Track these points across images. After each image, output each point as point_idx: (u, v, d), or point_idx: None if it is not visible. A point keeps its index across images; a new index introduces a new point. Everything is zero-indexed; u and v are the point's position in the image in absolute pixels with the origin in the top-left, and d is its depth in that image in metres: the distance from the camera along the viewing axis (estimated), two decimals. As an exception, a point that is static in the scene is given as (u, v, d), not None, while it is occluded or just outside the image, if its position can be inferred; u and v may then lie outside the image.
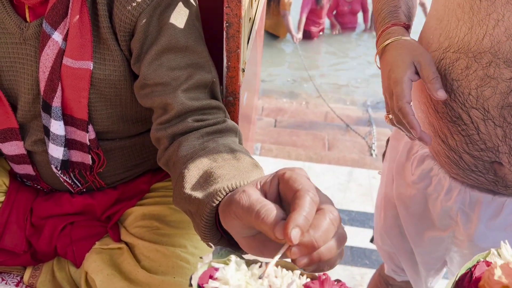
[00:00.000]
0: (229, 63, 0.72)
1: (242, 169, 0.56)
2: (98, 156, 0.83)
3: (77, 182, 0.86)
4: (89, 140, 0.79)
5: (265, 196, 0.43)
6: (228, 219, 0.45)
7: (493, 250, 0.40)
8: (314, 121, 3.08)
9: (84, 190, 0.89)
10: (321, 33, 5.17)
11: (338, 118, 3.08)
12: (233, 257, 0.40)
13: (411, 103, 0.69)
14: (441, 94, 0.67)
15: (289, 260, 0.40)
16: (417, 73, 0.70)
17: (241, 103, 0.79)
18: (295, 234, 0.37)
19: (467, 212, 0.82)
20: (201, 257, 0.40)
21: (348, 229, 1.82)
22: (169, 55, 0.71)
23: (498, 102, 0.65)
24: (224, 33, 0.71)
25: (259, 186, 0.44)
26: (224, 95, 0.76)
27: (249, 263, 0.40)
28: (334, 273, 1.65)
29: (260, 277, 0.38)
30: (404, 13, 0.79)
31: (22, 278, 0.86)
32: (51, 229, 0.86)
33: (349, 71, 4.29)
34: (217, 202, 0.51)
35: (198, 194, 0.54)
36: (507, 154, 0.69)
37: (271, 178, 0.44)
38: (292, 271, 0.39)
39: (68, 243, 0.86)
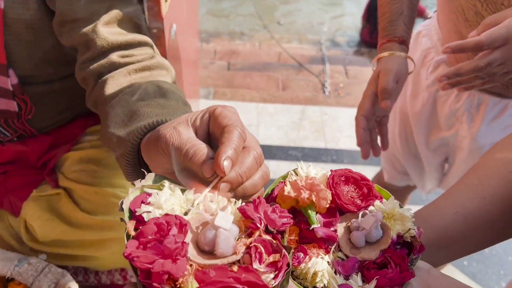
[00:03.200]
0: (149, -8, 0.69)
1: (168, 106, 0.55)
2: (24, 103, 0.79)
3: (5, 132, 0.82)
4: (12, 85, 0.75)
5: (196, 133, 0.43)
6: (154, 155, 0.45)
7: (291, 171, 0.44)
8: (268, 62, 3.05)
9: (15, 139, 0.85)
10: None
11: (291, 58, 3.06)
12: (166, 182, 0.39)
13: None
14: (384, 105, 0.80)
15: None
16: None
17: (167, 36, 0.75)
18: (226, 165, 0.38)
19: (472, 113, 0.92)
20: (132, 183, 0.39)
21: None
22: None
23: None
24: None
25: (190, 123, 0.44)
26: (147, 28, 0.73)
27: (183, 188, 0.39)
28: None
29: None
30: (404, 21, 0.86)
31: (-42, 231, 0.84)
32: (-17, 180, 0.83)
33: (303, 11, 4.22)
34: (138, 140, 0.50)
35: (121, 132, 0.53)
36: None
37: (202, 114, 0.44)
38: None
39: (3, 193, 0.84)
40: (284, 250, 0.35)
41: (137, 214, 0.36)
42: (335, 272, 0.40)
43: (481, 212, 0.48)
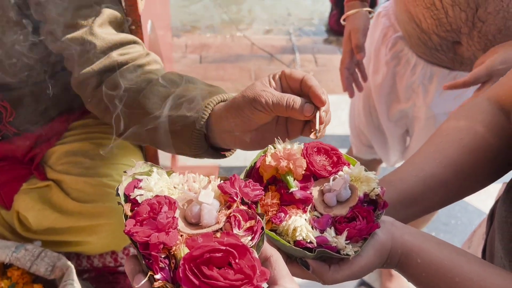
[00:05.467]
0: (125, -9, 0.73)
1: (205, 89, 0.63)
2: (4, 108, 0.82)
3: None
4: None
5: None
6: (238, 119, 0.56)
7: (270, 146, 0.51)
8: (239, 54, 3.10)
9: (0, 138, 0.88)
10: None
11: (263, 49, 3.13)
12: (154, 169, 0.45)
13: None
14: (359, 57, 1.02)
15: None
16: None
17: (144, 32, 0.81)
18: (325, 96, 0.53)
19: (426, 84, 1.04)
20: (124, 171, 0.45)
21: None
22: None
23: None
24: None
25: (271, 85, 0.55)
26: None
27: (169, 173, 0.46)
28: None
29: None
30: None
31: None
32: (-27, 177, 0.87)
33: (269, 2, 4.27)
34: (207, 115, 0.59)
35: (182, 112, 0.60)
36: (466, 35, 0.88)
37: (272, 77, 0.56)
38: (208, 176, 0.46)
39: (-6, 188, 0.88)
40: (258, 217, 0.42)
41: (131, 197, 0.42)
42: (312, 228, 0.47)
43: (437, 175, 0.56)
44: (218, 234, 0.40)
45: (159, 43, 1.00)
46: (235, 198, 0.43)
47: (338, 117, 2.33)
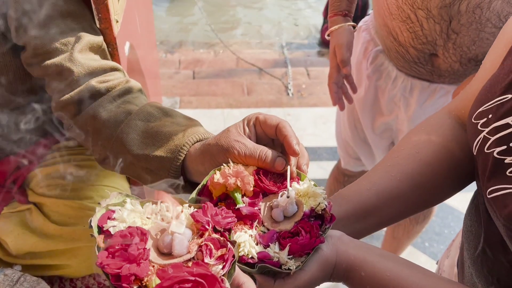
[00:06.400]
0: (99, 15, 0.74)
1: (182, 124, 0.64)
2: None
3: None
4: None
5: (249, 139, 0.55)
6: (212, 165, 0.55)
7: (224, 164, 0.53)
8: (232, 68, 3.12)
9: (-19, 162, 0.89)
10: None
11: (256, 64, 3.15)
12: (128, 199, 0.46)
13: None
14: (345, 71, 1.03)
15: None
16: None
17: (121, 53, 0.82)
18: (299, 148, 0.53)
19: (407, 97, 1.07)
20: (98, 203, 0.46)
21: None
22: (52, 23, 0.70)
23: (438, 3, 0.83)
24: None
25: (242, 133, 0.56)
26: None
27: (142, 203, 0.46)
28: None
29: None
30: None
31: None
32: (-47, 202, 0.86)
33: (262, 16, 4.32)
34: (182, 157, 0.60)
35: (158, 152, 0.61)
36: (442, 47, 0.90)
37: (246, 123, 0.56)
38: (182, 205, 0.47)
39: (-26, 213, 0.87)
40: (229, 245, 0.42)
41: (104, 229, 0.42)
42: (257, 243, 0.47)
43: (391, 189, 0.56)
44: (190, 263, 0.40)
45: (140, 62, 1.00)
46: (206, 226, 0.43)
47: (329, 129, 2.34)
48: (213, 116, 2.43)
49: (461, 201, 1.94)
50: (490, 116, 0.46)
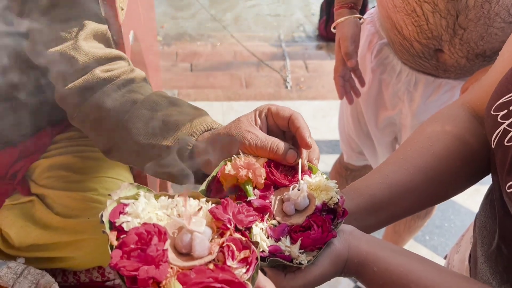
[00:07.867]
0: (105, 2, 0.73)
1: (189, 114, 0.62)
2: None
3: None
4: None
5: (260, 130, 0.54)
6: (222, 155, 0.54)
7: (234, 156, 0.52)
8: (230, 61, 3.10)
9: (-19, 154, 0.87)
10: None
11: (253, 56, 3.13)
12: (141, 192, 0.42)
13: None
14: (350, 64, 1.00)
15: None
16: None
17: (126, 42, 0.80)
18: (311, 141, 0.53)
19: (412, 92, 1.04)
20: (109, 195, 0.42)
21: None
22: (55, 11, 0.68)
23: None
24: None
25: (253, 124, 0.54)
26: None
27: (157, 196, 0.42)
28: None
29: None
30: None
31: None
32: (-46, 194, 0.85)
33: (260, 8, 4.29)
34: (191, 146, 0.59)
35: (165, 142, 0.60)
36: (448, 43, 0.88)
37: (257, 114, 0.55)
38: (199, 199, 0.43)
39: (-24, 205, 0.86)
40: (252, 246, 0.40)
41: (116, 224, 0.39)
42: (268, 237, 0.46)
43: (404, 182, 0.56)
44: (211, 265, 0.38)
45: (142, 53, 0.99)
46: (228, 225, 0.40)
47: (328, 123, 2.33)
48: (212, 109, 2.41)
49: (461, 194, 1.95)
50: (511, 108, 0.45)
